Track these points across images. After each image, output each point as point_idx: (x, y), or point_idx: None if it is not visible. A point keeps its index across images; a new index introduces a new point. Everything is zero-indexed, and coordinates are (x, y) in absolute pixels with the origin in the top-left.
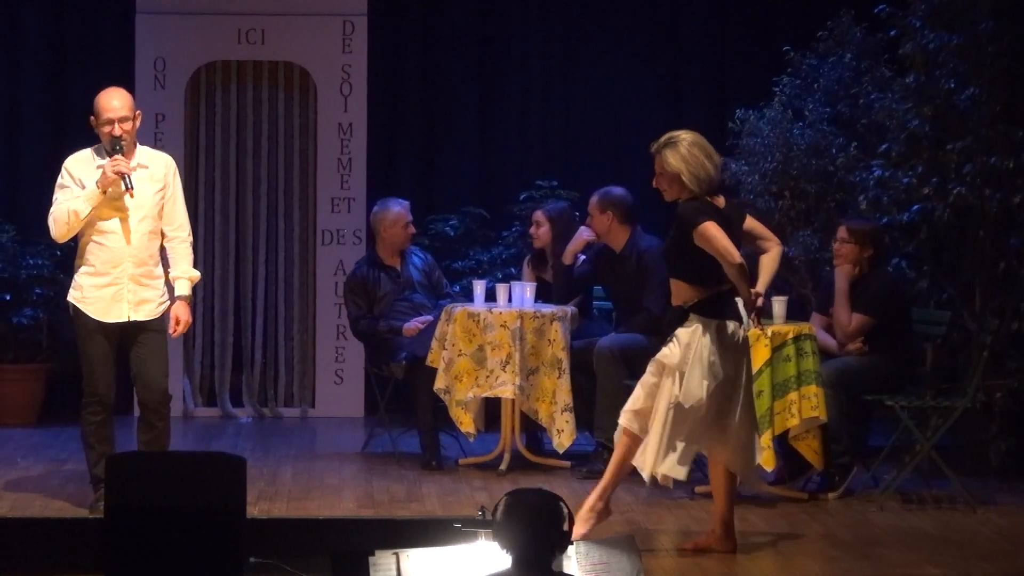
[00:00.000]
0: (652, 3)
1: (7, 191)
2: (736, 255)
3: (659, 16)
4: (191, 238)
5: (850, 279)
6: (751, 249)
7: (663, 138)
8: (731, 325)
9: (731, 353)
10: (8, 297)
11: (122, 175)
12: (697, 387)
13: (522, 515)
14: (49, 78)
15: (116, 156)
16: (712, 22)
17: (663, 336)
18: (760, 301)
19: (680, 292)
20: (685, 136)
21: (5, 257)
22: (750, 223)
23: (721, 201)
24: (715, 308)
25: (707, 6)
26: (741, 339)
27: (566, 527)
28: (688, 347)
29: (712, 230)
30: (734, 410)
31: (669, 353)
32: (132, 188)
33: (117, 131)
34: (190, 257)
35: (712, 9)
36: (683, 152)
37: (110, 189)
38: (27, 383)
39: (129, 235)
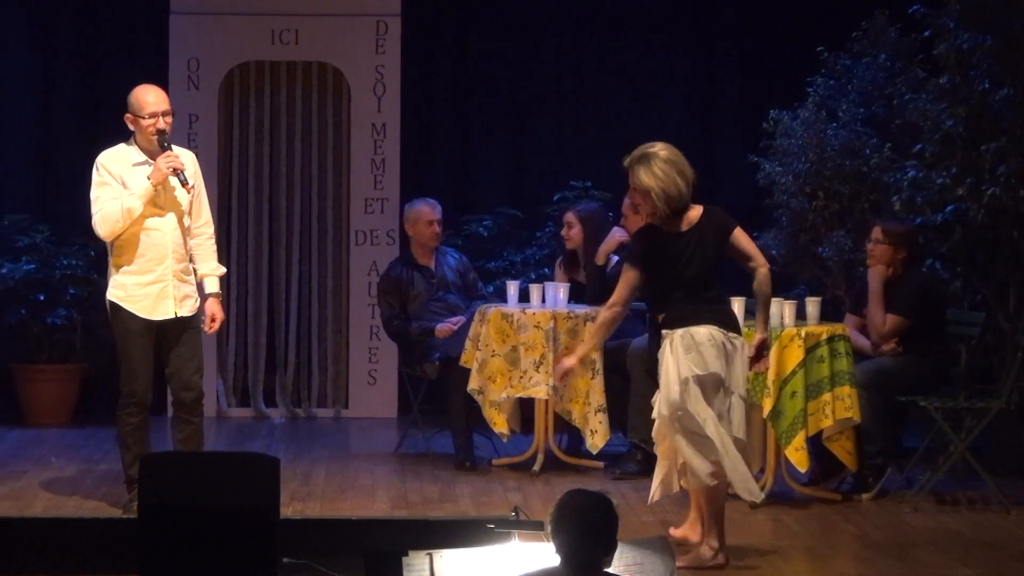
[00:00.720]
0: (686, 3)
1: (41, 192)
2: (613, 305)
3: (693, 16)
4: (215, 234)
5: (883, 280)
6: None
7: (637, 152)
8: (702, 331)
9: (707, 358)
10: (42, 297)
11: (176, 171)
12: (674, 395)
13: (575, 516)
14: (83, 79)
15: (169, 152)
16: (746, 22)
17: None
18: (766, 339)
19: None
20: (660, 151)
21: (39, 257)
22: (736, 239)
23: (695, 214)
24: (677, 319)
25: (741, 6)
26: (720, 344)
27: (615, 530)
28: (663, 361)
29: (624, 273)
30: (725, 415)
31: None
32: (188, 184)
33: (161, 124)
34: (216, 253)
35: (746, 9)
36: (655, 169)
37: (160, 186)
38: (61, 383)
39: (171, 231)
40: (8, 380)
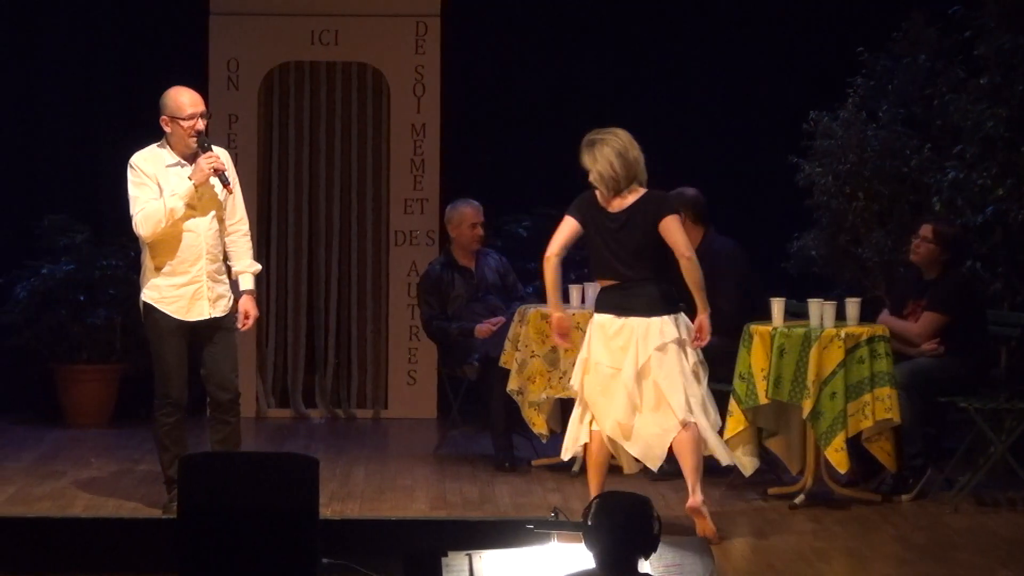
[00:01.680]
0: (726, 4)
1: (81, 192)
2: (548, 256)
3: (732, 17)
4: (250, 231)
5: (926, 279)
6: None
7: (588, 136)
8: (606, 317)
9: (607, 344)
10: (82, 298)
11: (218, 172)
12: (574, 376)
13: (612, 517)
14: (123, 79)
15: (210, 153)
16: (786, 23)
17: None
18: (699, 329)
19: None
20: (606, 136)
21: (79, 258)
22: (665, 226)
23: (632, 198)
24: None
25: (780, 7)
26: (619, 330)
27: (655, 531)
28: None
29: (560, 224)
30: (636, 401)
31: None
32: (230, 184)
33: (200, 125)
34: (251, 250)
35: (785, 10)
36: (595, 152)
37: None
38: (101, 384)
39: (206, 232)
40: (48, 380)
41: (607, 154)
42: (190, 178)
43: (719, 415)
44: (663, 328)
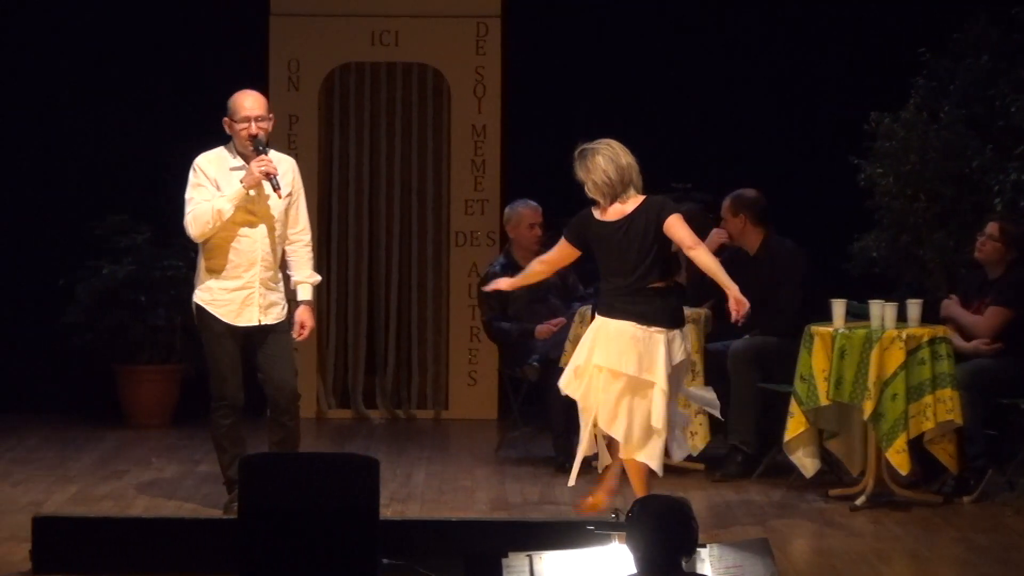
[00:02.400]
0: (788, 5)
1: (142, 193)
2: (540, 261)
3: (794, 18)
4: (312, 242)
5: (990, 279)
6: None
7: (578, 149)
8: (616, 324)
9: (613, 347)
10: (143, 298)
11: (269, 176)
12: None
13: (651, 519)
14: (184, 80)
15: (263, 157)
16: (847, 24)
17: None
18: (735, 304)
19: None
20: (598, 146)
21: (140, 258)
22: (669, 225)
23: (631, 204)
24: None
25: (842, 8)
26: (634, 339)
27: (694, 531)
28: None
29: (559, 245)
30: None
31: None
32: (280, 189)
33: (254, 129)
34: (312, 261)
35: (847, 11)
36: (588, 163)
37: (252, 191)
38: (161, 384)
39: (262, 239)
40: (109, 381)
41: (600, 163)
42: (241, 181)
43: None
44: (684, 344)
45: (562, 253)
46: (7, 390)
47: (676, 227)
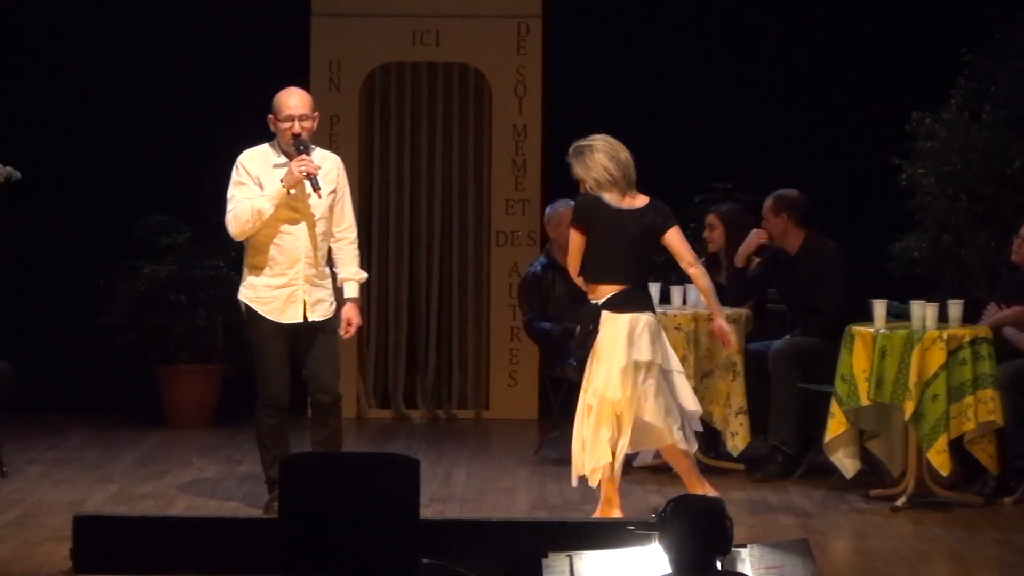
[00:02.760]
0: (829, 5)
1: (183, 192)
2: (573, 269)
3: (836, 18)
4: (358, 239)
5: None
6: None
7: (572, 146)
8: (644, 317)
9: (639, 343)
10: (184, 298)
11: (309, 175)
12: (607, 379)
13: (684, 520)
14: (225, 80)
15: (303, 156)
16: (889, 24)
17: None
18: (719, 332)
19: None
20: (594, 142)
21: (181, 258)
22: (670, 237)
23: (640, 200)
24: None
25: (883, 8)
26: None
27: (729, 532)
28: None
29: (571, 236)
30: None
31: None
32: (319, 188)
33: (297, 128)
34: (358, 258)
35: (888, 11)
36: (587, 160)
37: (293, 189)
38: (202, 384)
39: (305, 236)
40: (150, 381)
41: (599, 160)
42: (282, 181)
43: None
44: None
45: (580, 243)
46: (48, 390)
47: (676, 240)
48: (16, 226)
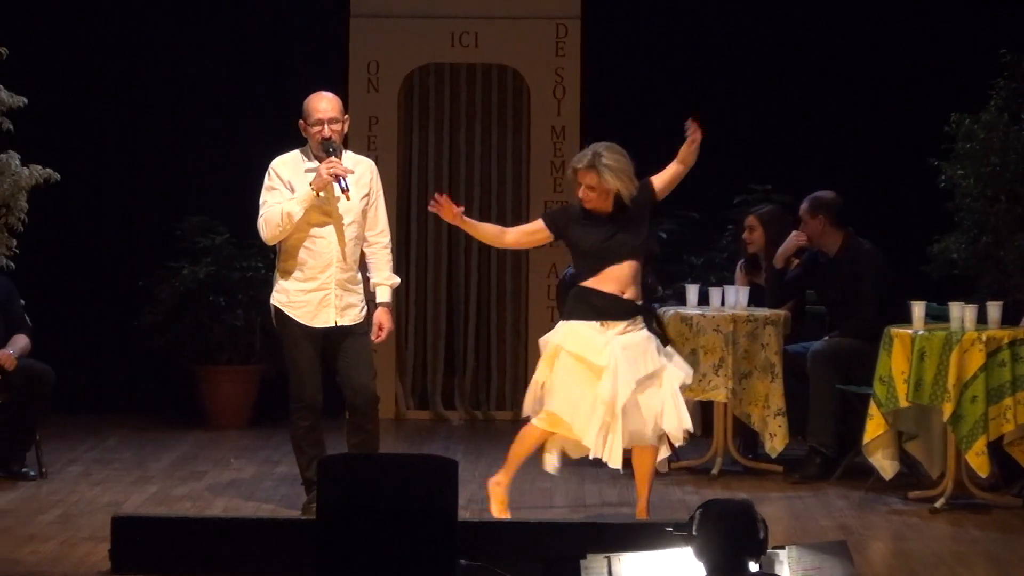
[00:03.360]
0: (868, 6)
1: (222, 194)
2: (506, 233)
3: (874, 19)
4: (391, 243)
5: None
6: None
7: (588, 154)
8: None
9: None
10: (222, 299)
11: (338, 178)
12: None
13: (713, 524)
14: (263, 81)
15: (331, 159)
16: (927, 25)
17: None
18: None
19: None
20: (607, 150)
21: (219, 259)
22: (658, 180)
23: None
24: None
25: (922, 9)
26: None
27: (761, 535)
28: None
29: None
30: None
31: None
32: (348, 191)
33: (327, 132)
34: (391, 263)
35: (927, 12)
36: (614, 167)
37: (322, 192)
38: (240, 385)
39: (338, 240)
40: (188, 382)
41: (625, 166)
42: (311, 184)
43: None
44: None
45: (530, 230)
46: (87, 390)
47: (659, 176)
48: (55, 227)
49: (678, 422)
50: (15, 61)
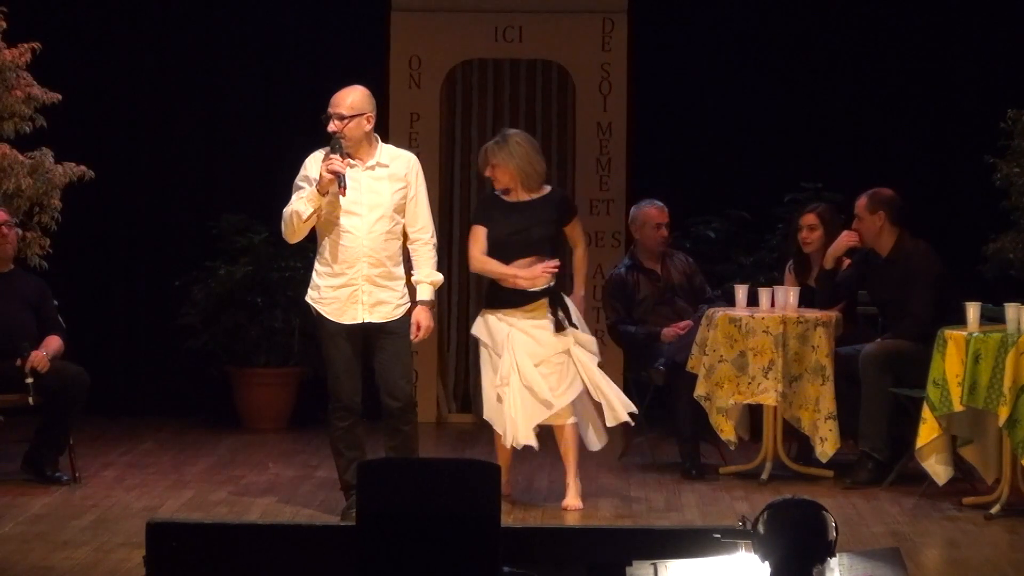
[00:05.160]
0: (921, 2)
1: (261, 192)
2: (474, 265)
3: (928, 15)
4: (435, 240)
5: None
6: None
7: (491, 142)
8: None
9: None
10: (260, 300)
11: (336, 175)
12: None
13: (783, 525)
14: (303, 77)
15: (331, 156)
16: (981, 21)
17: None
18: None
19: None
20: (515, 135)
21: (257, 259)
22: (573, 229)
23: (544, 191)
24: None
25: (976, 4)
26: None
27: (830, 537)
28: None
29: (473, 232)
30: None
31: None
32: (345, 188)
33: (331, 127)
34: (433, 260)
35: (981, 7)
36: (512, 149)
37: (330, 191)
38: (278, 387)
39: (365, 235)
40: (225, 384)
41: (527, 150)
42: (316, 184)
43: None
44: None
45: (481, 240)
46: (122, 393)
47: (575, 224)
48: (90, 226)
49: (608, 404)
50: (49, 57)
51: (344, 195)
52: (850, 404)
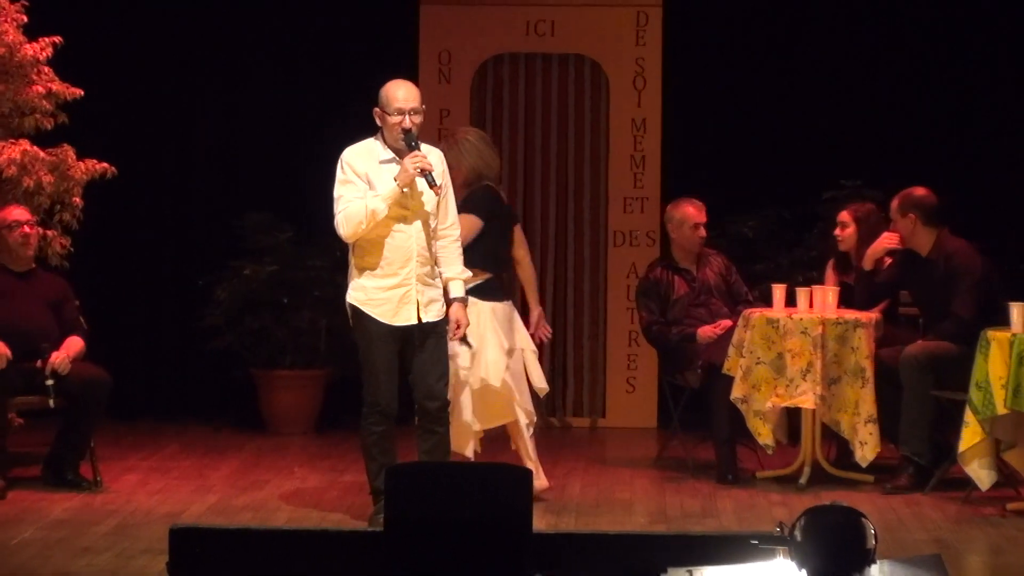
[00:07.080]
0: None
1: (286, 189)
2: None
3: (968, 13)
4: (460, 236)
5: None
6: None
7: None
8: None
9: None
10: (285, 300)
11: (424, 172)
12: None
13: (821, 532)
14: (331, 72)
15: (416, 152)
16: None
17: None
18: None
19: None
20: (468, 133)
21: (282, 258)
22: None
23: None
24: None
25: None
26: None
27: (869, 545)
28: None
29: (469, 221)
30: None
31: None
32: (436, 185)
33: (407, 123)
34: (462, 256)
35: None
36: (463, 146)
37: (407, 188)
38: (305, 390)
39: (417, 234)
40: (250, 386)
41: (478, 147)
42: (395, 179)
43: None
44: None
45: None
46: (144, 395)
47: (520, 233)
48: (112, 224)
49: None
50: (71, 52)
51: (438, 193)
52: (891, 407)
